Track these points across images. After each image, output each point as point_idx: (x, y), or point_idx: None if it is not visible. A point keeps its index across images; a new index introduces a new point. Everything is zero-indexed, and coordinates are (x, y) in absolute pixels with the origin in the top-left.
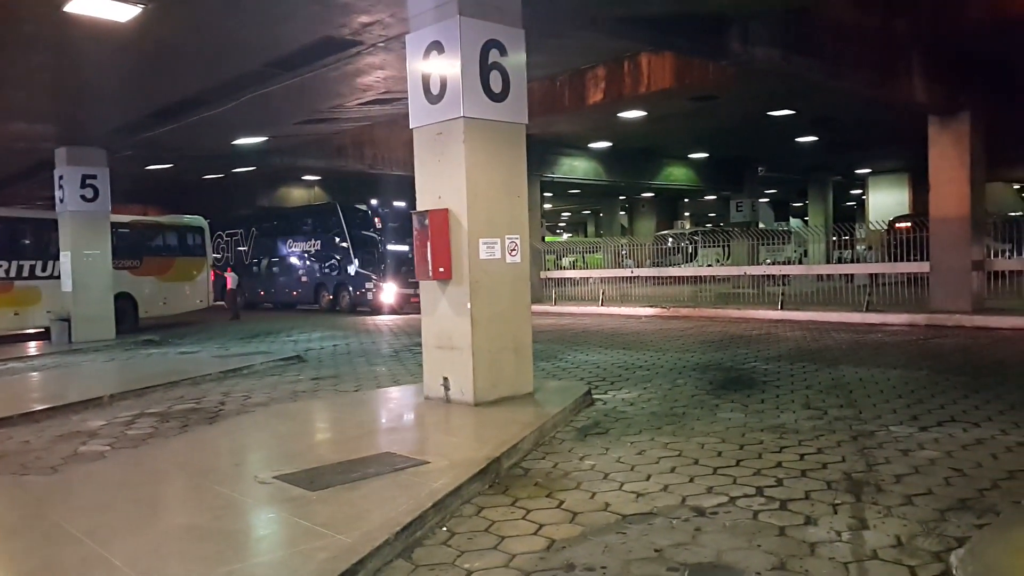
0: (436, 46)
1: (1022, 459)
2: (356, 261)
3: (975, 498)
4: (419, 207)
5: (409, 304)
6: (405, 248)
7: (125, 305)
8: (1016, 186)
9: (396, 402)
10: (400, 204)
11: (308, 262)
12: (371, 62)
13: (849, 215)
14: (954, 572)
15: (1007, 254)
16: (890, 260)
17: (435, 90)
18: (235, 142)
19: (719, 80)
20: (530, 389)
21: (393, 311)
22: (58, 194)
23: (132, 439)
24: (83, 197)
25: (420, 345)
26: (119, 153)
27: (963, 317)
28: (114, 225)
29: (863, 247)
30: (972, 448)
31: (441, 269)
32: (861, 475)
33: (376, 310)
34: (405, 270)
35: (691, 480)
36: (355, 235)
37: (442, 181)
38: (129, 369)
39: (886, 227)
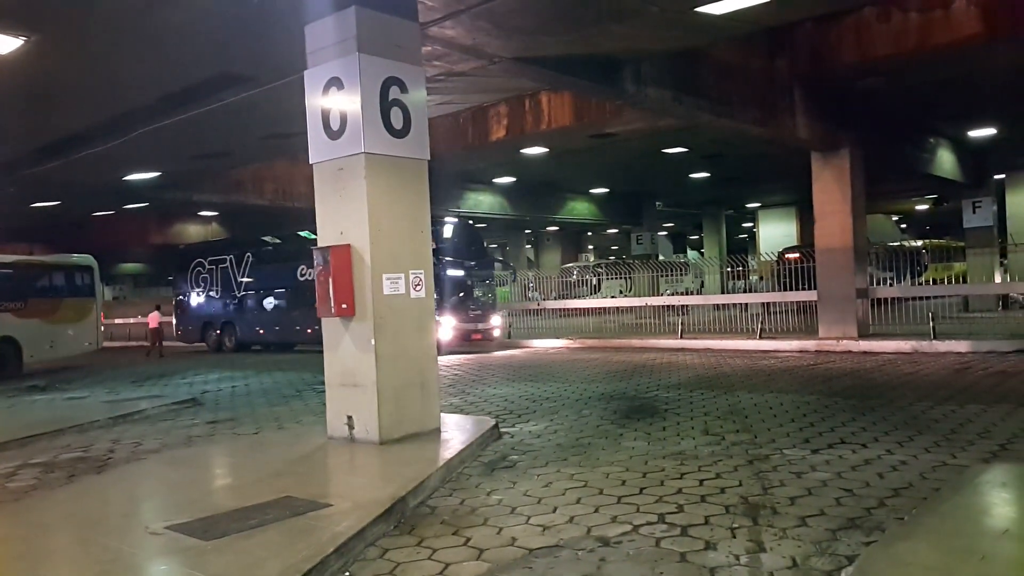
0: (336, 82)
1: (906, 477)
2: None
3: (863, 516)
4: (320, 243)
5: (470, 341)
6: (462, 273)
7: (7, 350)
8: (895, 217)
9: (297, 443)
10: (452, 219)
11: None
12: (269, 97)
13: (742, 247)
14: None
15: (889, 282)
16: (781, 289)
17: (335, 126)
18: (126, 177)
19: (616, 118)
20: (437, 425)
21: (451, 350)
22: None
23: (14, 492)
24: None
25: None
26: (1, 190)
27: (849, 342)
28: None
29: (755, 277)
30: (860, 468)
31: (344, 305)
32: (757, 498)
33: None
34: (466, 300)
35: (596, 510)
36: None
37: (344, 216)
38: (11, 417)
39: (776, 258)
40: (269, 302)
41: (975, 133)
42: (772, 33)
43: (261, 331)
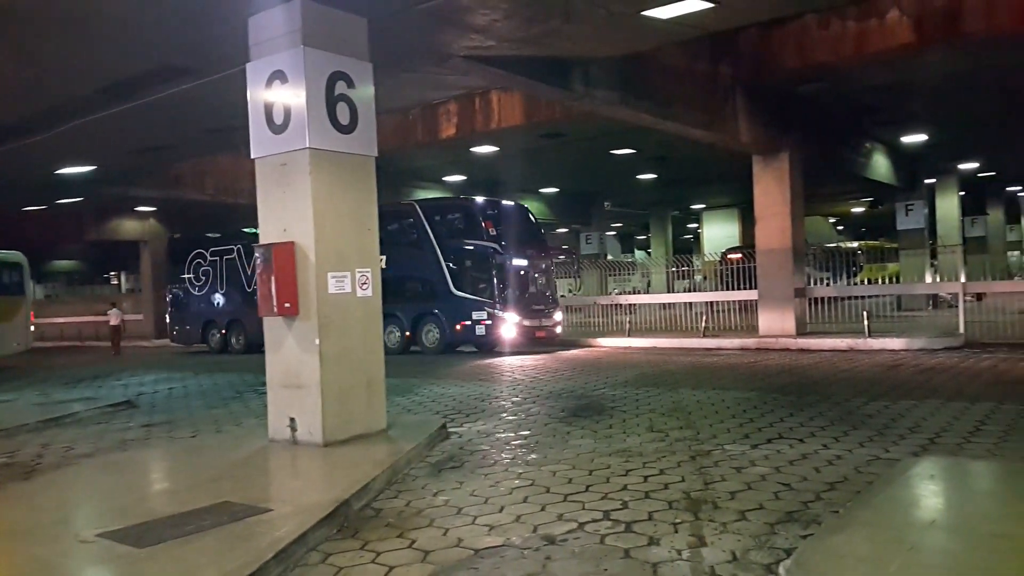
0: (279, 75)
1: (841, 471)
2: (453, 283)
3: (801, 510)
4: (262, 240)
5: (534, 339)
6: (525, 262)
7: None
8: (832, 219)
9: (237, 446)
10: (508, 203)
11: None
12: (211, 90)
13: (687, 247)
14: None
15: (825, 282)
16: (724, 289)
17: (279, 120)
18: (59, 171)
19: (566, 118)
20: (383, 426)
21: (513, 349)
22: None
23: None
24: None
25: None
26: None
27: (788, 340)
28: None
29: (700, 277)
30: (798, 463)
31: (287, 304)
32: (699, 494)
33: (488, 347)
34: (528, 294)
35: (543, 509)
36: (451, 247)
37: (287, 213)
38: None
39: (719, 258)
40: None
41: (908, 138)
42: (716, 38)
43: None
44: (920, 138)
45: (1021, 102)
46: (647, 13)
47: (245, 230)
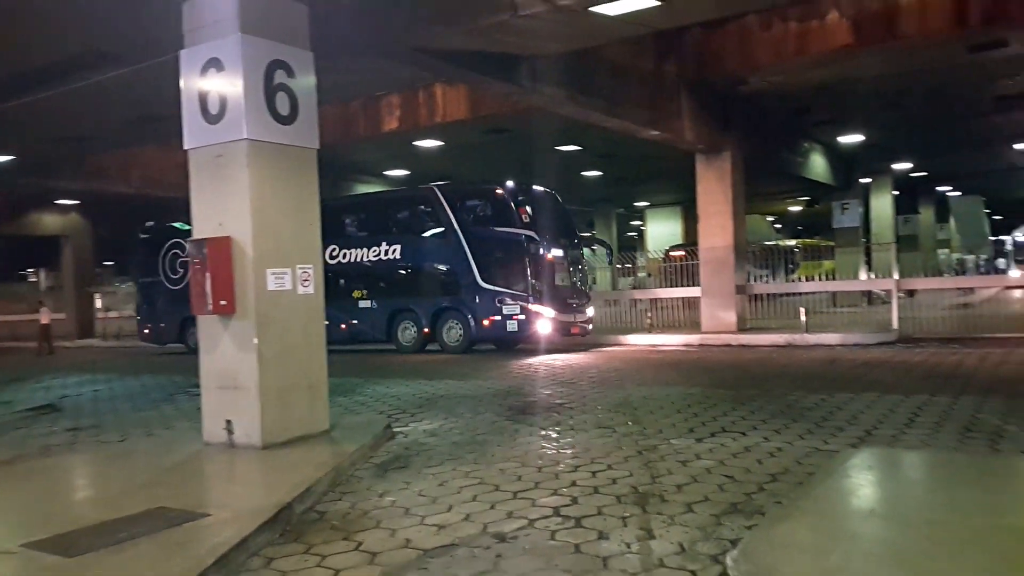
0: (215, 63)
1: (783, 463)
2: (480, 274)
3: (745, 501)
4: (196, 234)
5: (570, 335)
6: (561, 252)
7: None
8: (771, 217)
9: (170, 451)
10: (541, 189)
11: (374, 278)
12: (140, 77)
13: (632, 245)
14: (729, 572)
15: (765, 279)
16: (667, 286)
17: (214, 110)
18: None
19: (512, 113)
20: (326, 427)
21: (549, 347)
22: None
23: None
24: None
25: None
26: None
27: (730, 336)
28: None
29: (644, 274)
30: (741, 456)
31: (223, 302)
32: (647, 487)
33: (514, 344)
34: (564, 287)
35: (492, 507)
36: (479, 235)
37: (223, 207)
38: None
39: (663, 256)
40: None
41: (845, 139)
42: (662, 37)
43: None
44: (856, 138)
45: (951, 104)
46: (595, 9)
47: (175, 225)
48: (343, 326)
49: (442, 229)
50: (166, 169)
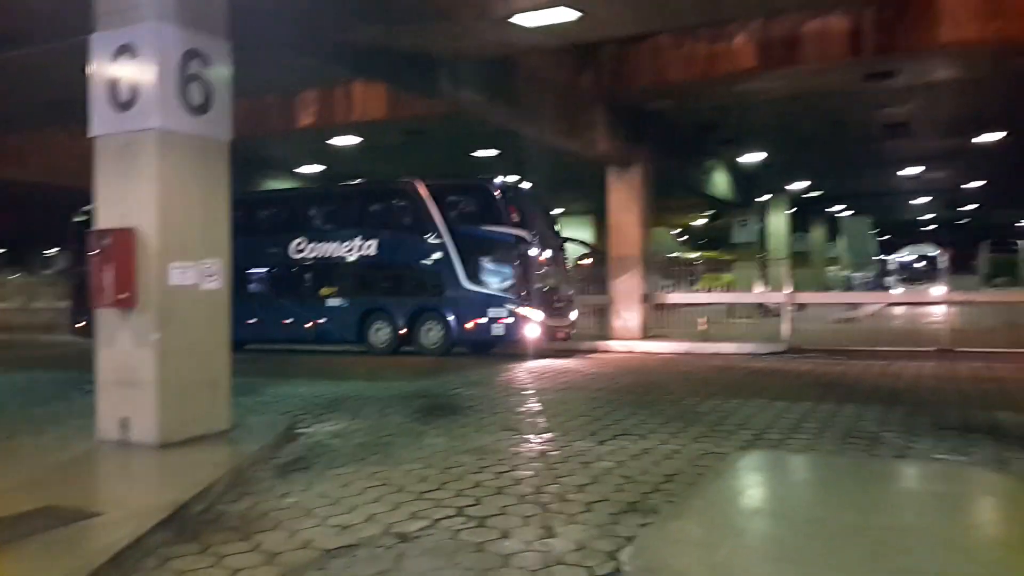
0: (127, 49)
1: (677, 465)
2: (466, 274)
3: (641, 501)
4: (99, 225)
5: (555, 339)
6: (550, 253)
7: None
8: (674, 231)
9: (61, 449)
10: (526, 187)
11: (345, 275)
12: (46, 59)
13: None
14: (623, 568)
15: (668, 289)
16: (577, 293)
17: (124, 97)
18: None
19: (430, 115)
20: (227, 426)
21: (538, 351)
22: None
23: None
24: None
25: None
26: None
27: (635, 343)
28: None
29: None
30: (639, 457)
31: (123, 295)
32: (549, 487)
33: (489, 348)
34: (551, 289)
35: (396, 507)
36: (464, 233)
37: (128, 197)
38: None
39: (574, 264)
40: (247, 287)
41: (746, 158)
42: (580, 50)
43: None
44: (756, 158)
45: (845, 129)
46: (515, 20)
47: (77, 219)
48: (308, 325)
49: (423, 225)
50: (69, 156)
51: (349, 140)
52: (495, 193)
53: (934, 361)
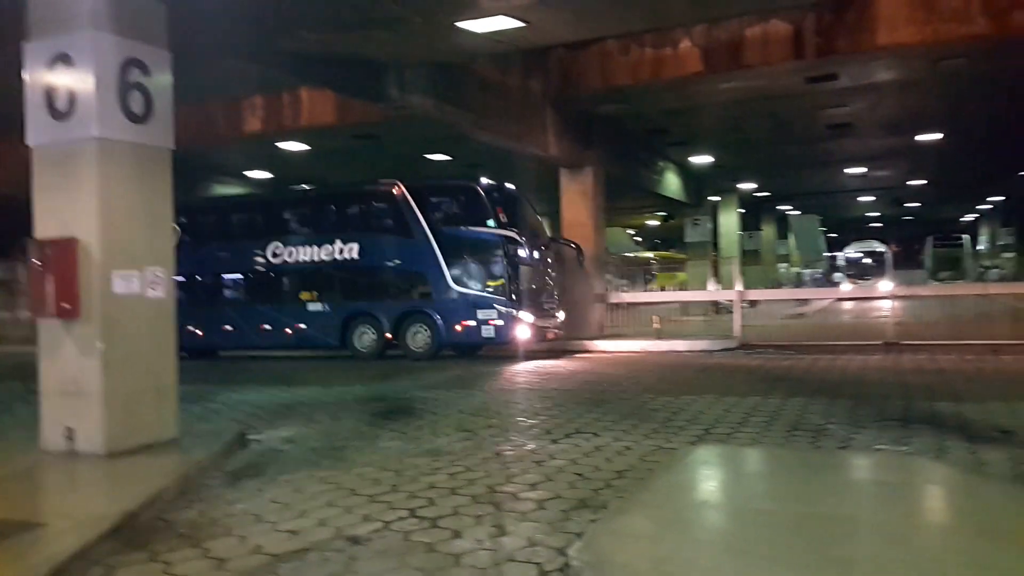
0: (64, 59)
1: (629, 461)
2: (452, 276)
3: (592, 497)
4: (39, 234)
5: (545, 340)
6: (538, 254)
7: None
8: (630, 231)
9: (4, 460)
10: (513, 187)
11: (326, 279)
12: None
13: None
14: (572, 562)
15: (623, 289)
16: None
17: (62, 106)
18: None
19: (380, 120)
20: (175, 434)
21: (528, 353)
22: None
23: None
24: None
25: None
26: None
27: (589, 343)
28: None
29: None
30: (592, 455)
31: (66, 305)
32: (502, 487)
33: (474, 350)
34: (540, 290)
35: (348, 511)
36: (450, 235)
37: (69, 206)
38: None
39: None
40: (222, 293)
41: (696, 159)
42: (529, 55)
43: (199, 332)
44: (706, 159)
45: (790, 130)
46: (462, 26)
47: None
48: (288, 331)
49: (406, 227)
50: (3, 164)
51: (297, 146)
52: (482, 194)
53: (880, 355)
